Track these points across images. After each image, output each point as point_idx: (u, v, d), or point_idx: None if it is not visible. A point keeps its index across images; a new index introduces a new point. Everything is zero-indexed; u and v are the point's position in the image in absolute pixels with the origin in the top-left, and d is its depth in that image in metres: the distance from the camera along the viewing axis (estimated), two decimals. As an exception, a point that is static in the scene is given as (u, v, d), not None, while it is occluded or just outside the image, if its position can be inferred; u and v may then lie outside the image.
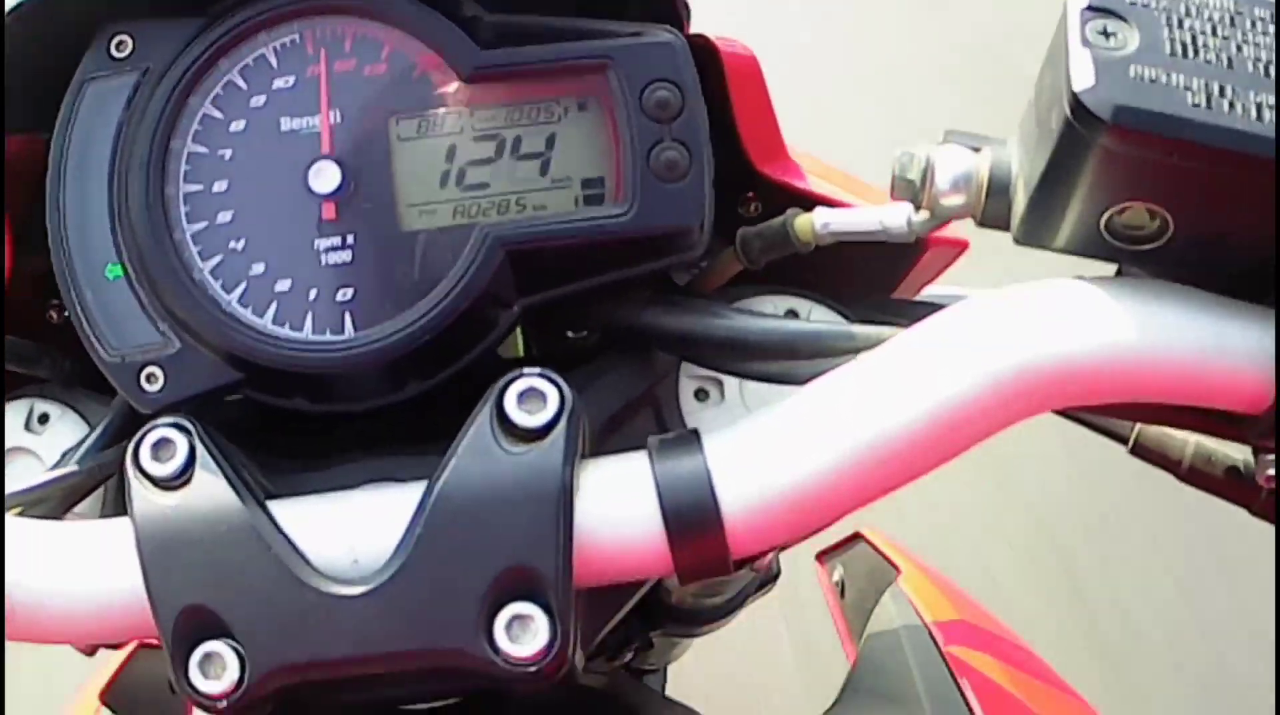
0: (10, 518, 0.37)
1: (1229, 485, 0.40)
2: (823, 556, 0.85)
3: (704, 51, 0.40)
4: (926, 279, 0.52)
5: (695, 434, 0.34)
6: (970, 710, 0.59)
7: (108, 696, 0.70)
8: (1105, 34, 0.30)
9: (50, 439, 0.46)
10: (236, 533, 0.33)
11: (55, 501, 0.41)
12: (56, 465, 0.43)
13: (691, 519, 0.33)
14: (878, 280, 0.48)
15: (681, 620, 0.70)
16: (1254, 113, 0.29)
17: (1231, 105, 0.29)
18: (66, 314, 0.40)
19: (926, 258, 0.47)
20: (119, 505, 0.44)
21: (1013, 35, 2.87)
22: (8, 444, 0.46)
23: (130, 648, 0.77)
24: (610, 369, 0.41)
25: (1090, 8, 0.30)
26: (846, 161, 0.49)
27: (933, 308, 0.39)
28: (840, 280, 0.45)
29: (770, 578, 0.75)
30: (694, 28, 0.41)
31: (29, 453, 0.45)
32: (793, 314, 0.43)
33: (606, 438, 0.40)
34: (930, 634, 0.67)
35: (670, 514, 0.33)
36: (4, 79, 0.40)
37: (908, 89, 3.00)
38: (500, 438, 0.33)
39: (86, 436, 0.43)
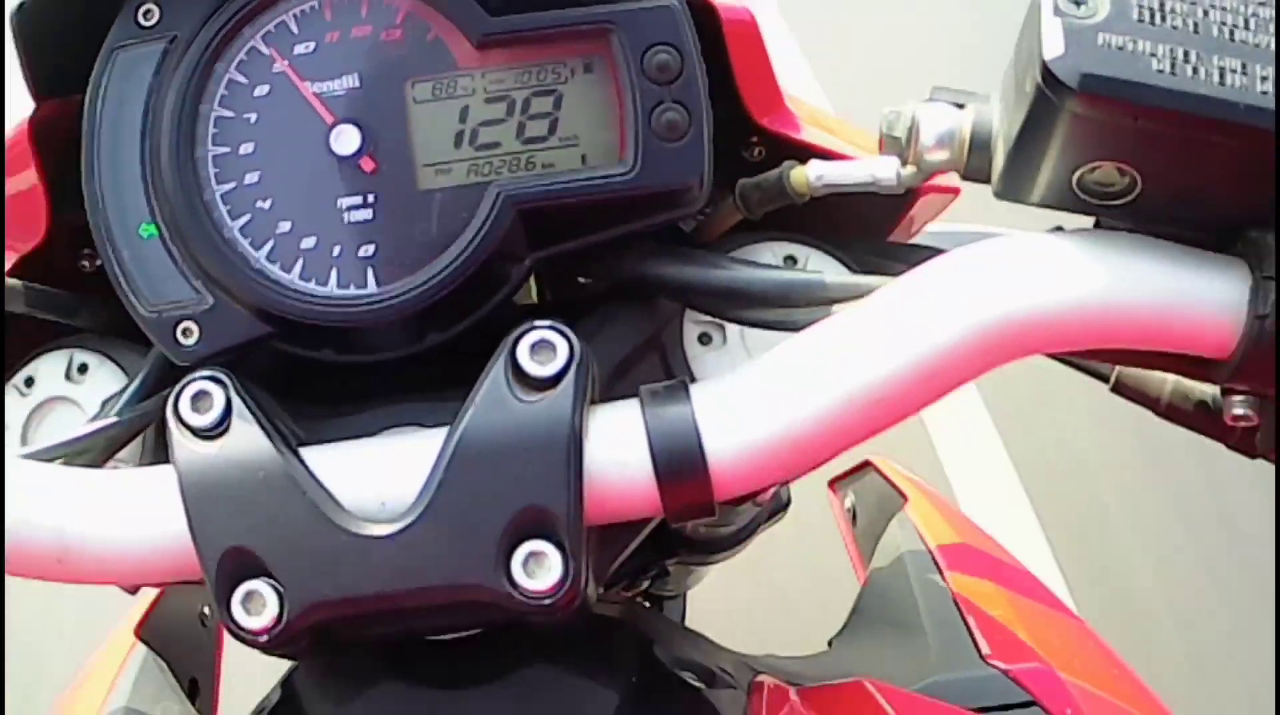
0: (57, 467, 0.40)
1: (1205, 421, 0.42)
2: (834, 484, 0.88)
3: (703, 11, 0.42)
4: (925, 219, 0.54)
5: (684, 384, 0.37)
6: (970, 632, 0.62)
7: (143, 631, 0.74)
8: (1076, 2, 0.32)
9: (90, 388, 0.48)
10: (273, 479, 0.36)
11: (98, 450, 0.43)
12: (97, 415, 0.46)
13: (678, 465, 0.35)
14: (874, 225, 0.50)
15: (695, 549, 0.72)
16: (1216, 77, 0.31)
17: (1195, 70, 0.31)
18: (100, 264, 0.43)
19: (920, 203, 0.49)
20: (158, 453, 0.46)
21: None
22: (49, 393, 0.48)
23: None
24: (617, 317, 0.43)
25: None
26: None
27: (925, 252, 0.41)
28: (837, 225, 0.47)
29: (781, 507, 0.78)
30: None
31: (70, 402, 0.48)
32: (791, 260, 0.45)
33: (615, 382, 0.42)
34: (934, 559, 0.70)
35: (659, 460, 0.35)
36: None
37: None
38: (514, 387, 0.36)
39: (125, 387, 0.46)
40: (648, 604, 1.00)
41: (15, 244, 0.48)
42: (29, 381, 0.48)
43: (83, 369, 0.48)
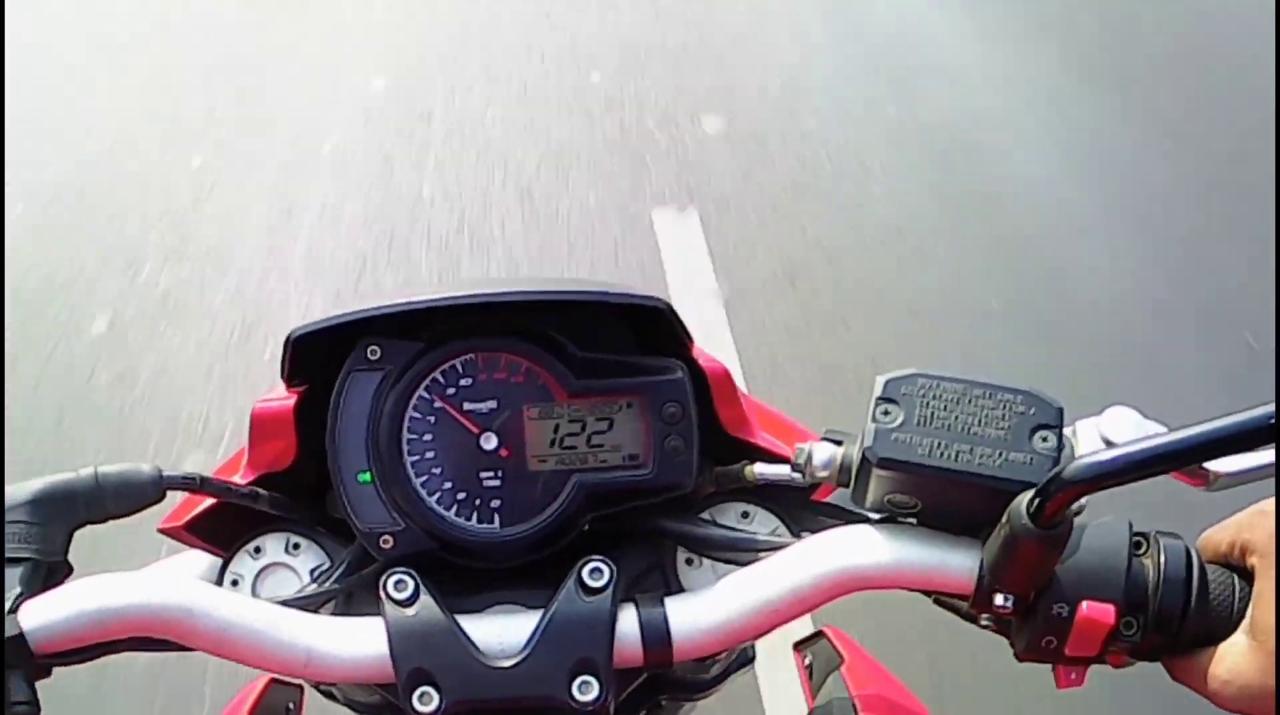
0: (300, 613, 0.67)
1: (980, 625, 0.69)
2: (797, 647, 1.15)
3: (698, 372, 0.72)
4: (830, 489, 0.82)
5: (662, 599, 0.66)
6: None
7: (255, 712, 1.01)
8: (885, 412, 0.61)
9: (302, 560, 0.75)
10: (442, 631, 0.64)
11: (317, 603, 0.71)
12: (310, 581, 0.74)
13: (653, 640, 0.64)
14: (800, 493, 0.79)
15: (681, 688, 1.00)
16: (953, 456, 0.60)
17: (944, 452, 0.60)
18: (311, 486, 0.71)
19: (823, 487, 0.78)
20: (345, 608, 0.74)
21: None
22: (273, 560, 0.74)
23: (264, 682, 1.08)
24: (636, 549, 0.73)
25: (879, 397, 0.61)
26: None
27: (828, 510, 0.70)
28: (781, 489, 0.76)
29: (747, 660, 1.05)
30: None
31: (288, 568, 0.75)
32: (745, 515, 0.74)
33: (633, 587, 0.71)
34: (854, 705, 0.97)
35: (646, 636, 0.64)
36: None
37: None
38: (579, 592, 0.65)
39: (334, 565, 0.73)
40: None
41: (267, 463, 0.75)
42: (258, 550, 0.75)
43: (296, 546, 0.75)
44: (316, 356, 0.72)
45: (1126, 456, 0.53)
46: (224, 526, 0.76)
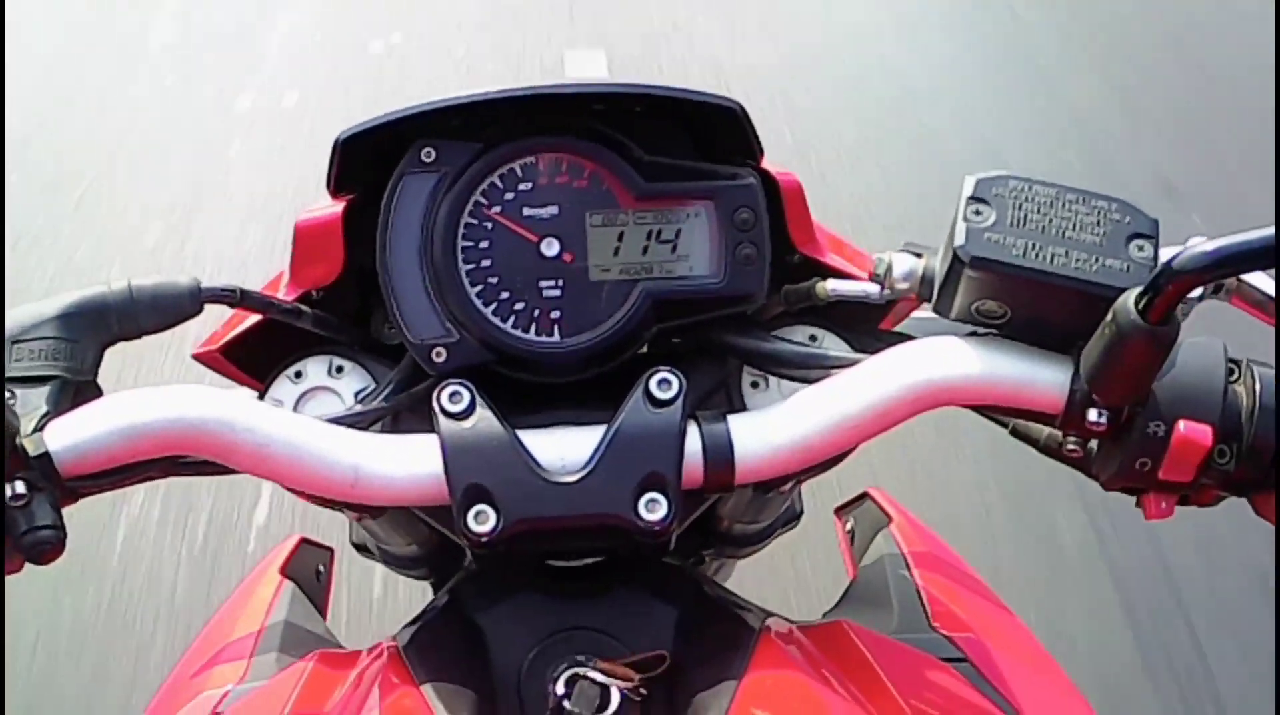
0: (343, 428, 0.64)
1: (1057, 452, 0.66)
2: (839, 511, 1.13)
3: (770, 180, 0.68)
4: (902, 313, 0.79)
5: (724, 415, 0.63)
6: (924, 610, 0.86)
7: (286, 571, 0.99)
8: (977, 213, 0.57)
9: (346, 383, 0.71)
10: (500, 444, 0.61)
11: (365, 422, 0.67)
12: (358, 401, 0.71)
13: (715, 459, 0.61)
14: (869, 316, 0.76)
15: (728, 541, 0.98)
16: (1049, 258, 0.56)
17: (1039, 254, 0.56)
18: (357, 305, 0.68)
19: (897, 307, 0.75)
20: (395, 428, 0.71)
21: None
22: (315, 383, 0.71)
23: (294, 541, 1.06)
24: (704, 366, 0.69)
25: (971, 197, 0.58)
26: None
27: (896, 338, 0.67)
28: (847, 315, 0.72)
29: (793, 516, 1.03)
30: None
31: (331, 391, 0.71)
32: (813, 337, 0.71)
33: (700, 405, 0.68)
34: (906, 560, 0.95)
35: (708, 456, 0.61)
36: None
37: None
38: (646, 404, 0.61)
39: (380, 385, 0.70)
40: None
41: (311, 280, 0.72)
42: (298, 374, 0.71)
43: (339, 370, 0.72)
44: (366, 161, 0.68)
45: (1237, 245, 0.50)
46: (262, 351, 0.73)
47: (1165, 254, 0.62)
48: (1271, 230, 0.50)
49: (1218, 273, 0.51)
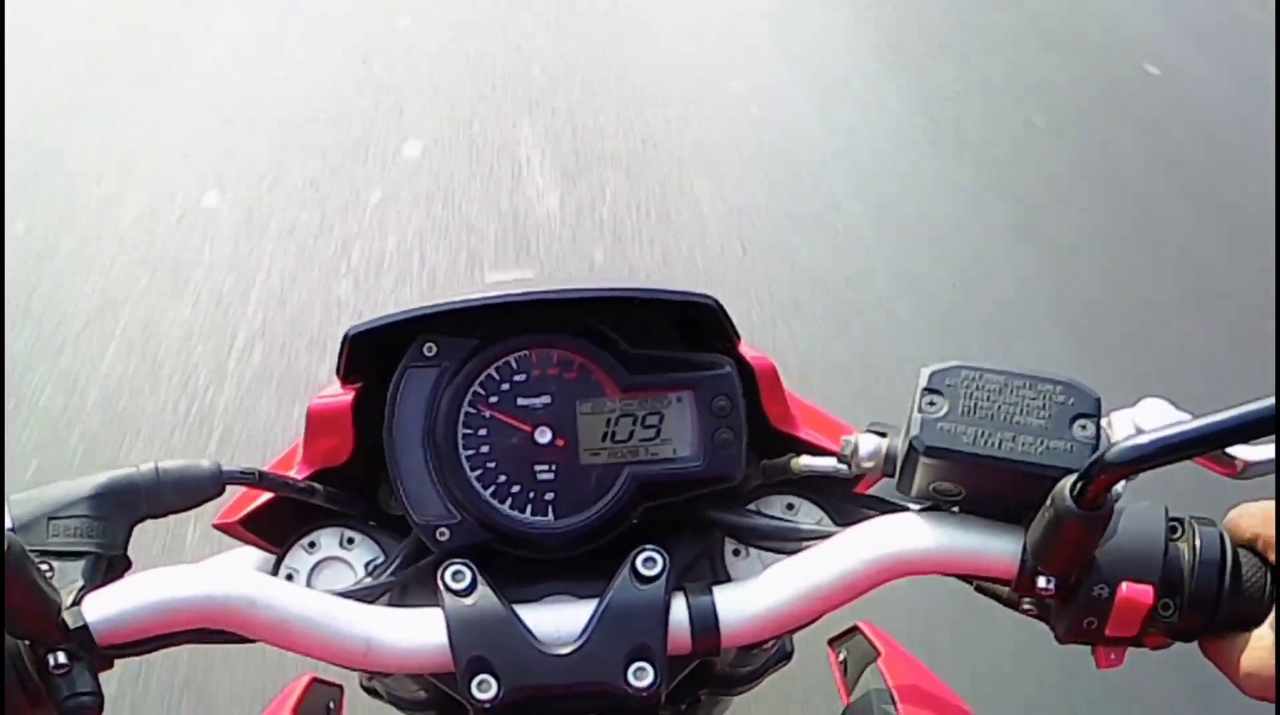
0: (359, 604, 0.69)
1: (1023, 610, 0.70)
2: (832, 643, 1.17)
3: (745, 365, 0.74)
4: (873, 480, 0.84)
5: (709, 586, 0.68)
6: None
7: (299, 709, 1.03)
8: (931, 403, 0.63)
9: (357, 555, 0.77)
10: (500, 621, 0.66)
11: (373, 597, 0.72)
12: (366, 574, 0.76)
13: (701, 628, 0.66)
14: (843, 485, 0.81)
15: (721, 683, 1.02)
16: (997, 444, 0.62)
17: (988, 441, 0.62)
18: (365, 481, 0.73)
19: (865, 480, 0.80)
20: (400, 600, 0.75)
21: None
22: (328, 554, 0.76)
23: (305, 681, 1.10)
24: (687, 539, 0.75)
25: (925, 389, 0.63)
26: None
27: (870, 502, 0.72)
28: (824, 479, 0.78)
29: (784, 655, 1.07)
30: None
31: (343, 561, 0.77)
32: (790, 506, 0.76)
33: (684, 576, 0.73)
34: (891, 695, 0.99)
35: (694, 625, 0.66)
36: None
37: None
38: (633, 581, 0.67)
39: (389, 559, 0.75)
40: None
41: (323, 458, 0.77)
42: (312, 544, 0.77)
43: (350, 541, 0.77)
44: (373, 353, 0.74)
45: (1164, 440, 0.55)
46: (278, 522, 0.78)
47: (1119, 420, 0.68)
48: (1198, 422, 0.55)
49: (1146, 465, 0.56)
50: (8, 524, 0.65)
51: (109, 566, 0.68)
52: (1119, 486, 0.58)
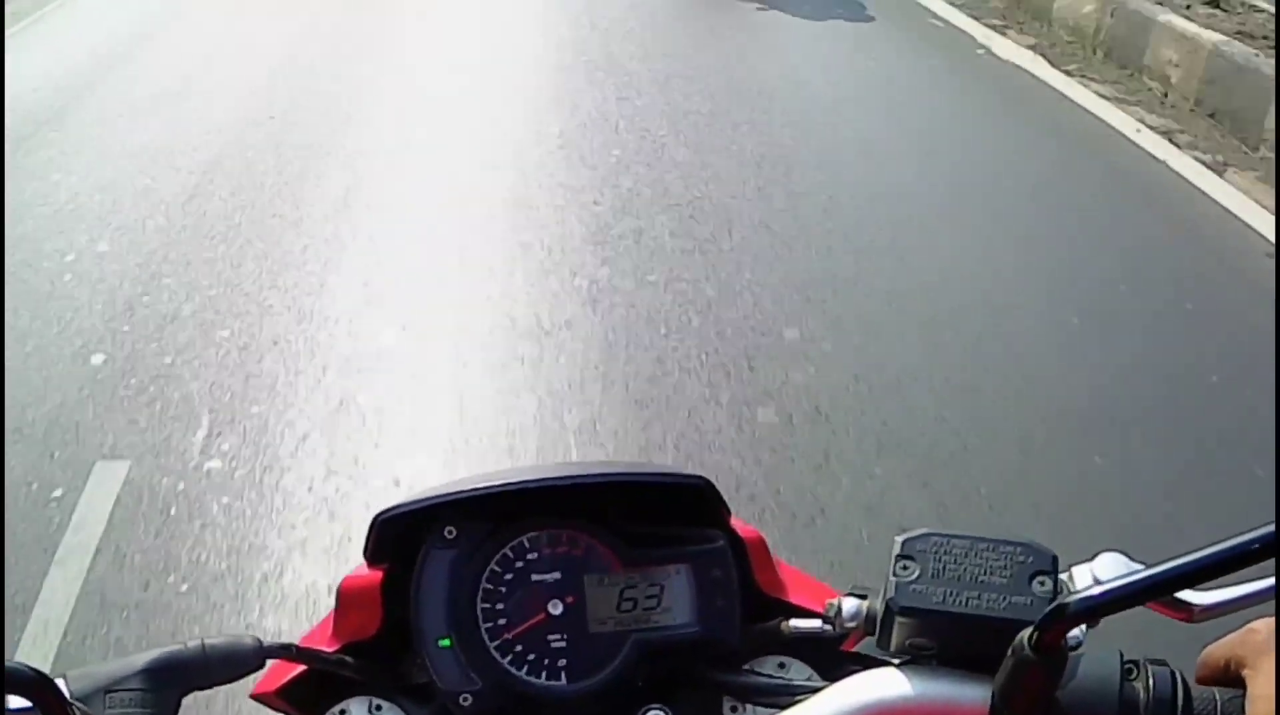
0: None
1: None
2: None
3: (737, 540, 0.82)
4: (856, 639, 0.91)
5: None
6: None
7: None
8: (905, 567, 0.71)
9: None
10: None
11: None
12: None
13: None
14: (830, 644, 0.88)
15: None
16: (964, 602, 0.69)
17: (956, 599, 0.70)
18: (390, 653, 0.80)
19: (850, 638, 0.87)
20: None
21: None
22: None
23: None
24: (689, 697, 0.81)
25: (899, 555, 0.71)
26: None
27: (855, 659, 0.79)
28: (813, 638, 0.84)
29: None
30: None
31: None
32: (782, 665, 0.83)
33: None
34: None
35: None
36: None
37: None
38: None
39: None
40: None
41: (353, 633, 0.84)
42: (343, 712, 0.83)
43: (379, 708, 0.83)
44: (398, 533, 0.81)
45: (1113, 591, 0.62)
46: (311, 691, 0.84)
47: (1079, 573, 0.75)
48: (1146, 572, 0.61)
49: (1097, 615, 0.62)
50: (68, 695, 0.71)
51: None
52: (1077, 633, 0.66)
